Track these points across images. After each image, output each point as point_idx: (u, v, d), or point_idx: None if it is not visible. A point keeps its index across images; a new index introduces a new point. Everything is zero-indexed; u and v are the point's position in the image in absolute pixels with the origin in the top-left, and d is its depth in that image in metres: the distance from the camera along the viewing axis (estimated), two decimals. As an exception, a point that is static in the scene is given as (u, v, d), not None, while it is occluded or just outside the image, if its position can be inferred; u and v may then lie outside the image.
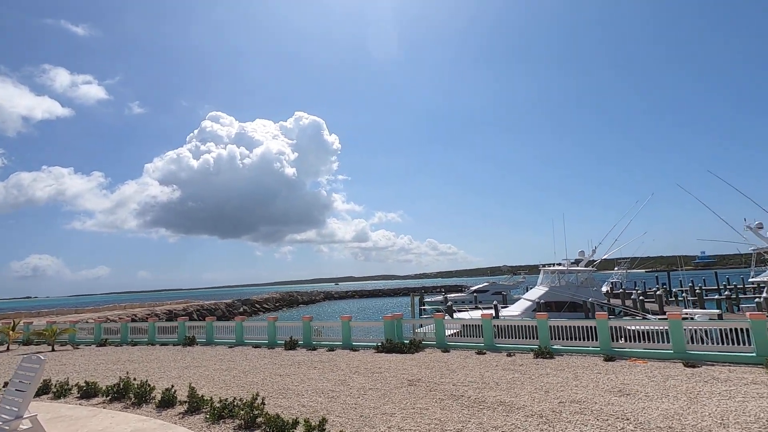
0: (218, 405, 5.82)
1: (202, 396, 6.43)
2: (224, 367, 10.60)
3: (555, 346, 11.03)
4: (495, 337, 12.12)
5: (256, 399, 5.80)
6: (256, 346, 14.74)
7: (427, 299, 43.08)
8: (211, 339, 16.31)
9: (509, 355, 10.73)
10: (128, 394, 7.17)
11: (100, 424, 5.81)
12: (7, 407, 4.57)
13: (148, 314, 39.02)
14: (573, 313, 21.00)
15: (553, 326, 11.40)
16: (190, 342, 16.03)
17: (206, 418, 5.74)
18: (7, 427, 4.33)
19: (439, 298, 44.26)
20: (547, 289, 23.20)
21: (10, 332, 17.16)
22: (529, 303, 22.92)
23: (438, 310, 39.17)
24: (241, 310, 52.17)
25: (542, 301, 22.35)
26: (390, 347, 12.15)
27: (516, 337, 11.88)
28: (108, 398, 7.31)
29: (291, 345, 13.84)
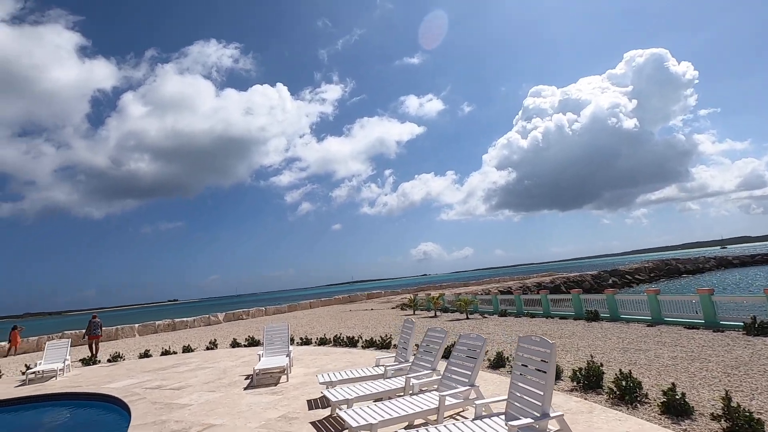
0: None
1: (745, 409, 4.09)
2: (681, 354, 7.97)
3: None
4: None
5: None
6: (690, 326, 11.32)
7: None
8: (615, 314, 14.10)
9: None
10: (600, 384, 5.80)
11: (617, 428, 4.48)
12: (527, 398, 3.74)
13: (520, 287, 41.09)
14: None
15: None
16: (594, 317, 14.35)
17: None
18: (537, 425, 3.46)
19: None
20: None
21: (437, 301, 20.97)
22: None
23: None
24: (610, 281, 47.26)
25: None
26: None
27: None
28: (576, 384, 6.17)
29: (761, 329, 9.59)
